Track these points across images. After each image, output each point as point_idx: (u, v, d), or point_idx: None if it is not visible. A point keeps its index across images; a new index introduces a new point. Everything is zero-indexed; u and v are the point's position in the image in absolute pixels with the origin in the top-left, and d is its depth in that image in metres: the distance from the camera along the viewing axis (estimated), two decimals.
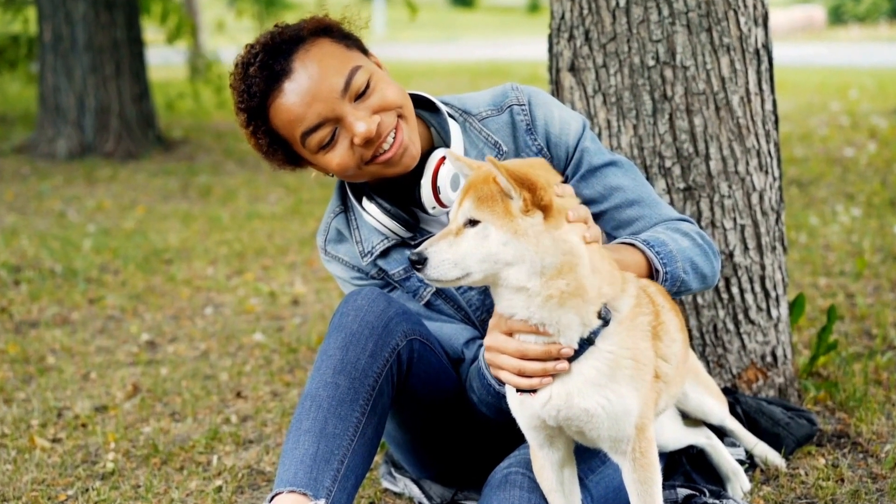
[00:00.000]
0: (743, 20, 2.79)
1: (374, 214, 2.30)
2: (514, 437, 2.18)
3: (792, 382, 3.04)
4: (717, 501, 2.41)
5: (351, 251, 2.40)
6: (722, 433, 2.61)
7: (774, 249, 2.93)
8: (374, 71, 2.21)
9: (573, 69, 2.84)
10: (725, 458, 2.54)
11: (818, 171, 7.01)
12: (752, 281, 2.89)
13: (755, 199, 2.86)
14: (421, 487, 2.59)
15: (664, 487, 2.29)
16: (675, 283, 2.19)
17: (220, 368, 3.75)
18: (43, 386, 3.58)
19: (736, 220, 2.84)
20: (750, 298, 2.89)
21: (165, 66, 15.44)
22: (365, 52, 2.27)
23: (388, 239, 2.33)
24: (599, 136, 2.82)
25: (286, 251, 5.61)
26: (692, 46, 2.75)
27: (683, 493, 2.45)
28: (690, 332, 2.87)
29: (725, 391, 2.78)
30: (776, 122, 2.93)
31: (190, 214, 6.66)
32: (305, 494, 1.98)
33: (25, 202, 7.16)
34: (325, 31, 2.22)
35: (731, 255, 2.85)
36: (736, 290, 2.87)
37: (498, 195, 1.84)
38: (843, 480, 2.58)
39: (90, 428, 3.19)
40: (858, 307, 4.02)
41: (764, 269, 2.90)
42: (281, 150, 2.25)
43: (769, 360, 2.96)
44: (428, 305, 2.38)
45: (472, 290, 2.34)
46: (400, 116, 2.20)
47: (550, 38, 2.92)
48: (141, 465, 2.91)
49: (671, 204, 2.79)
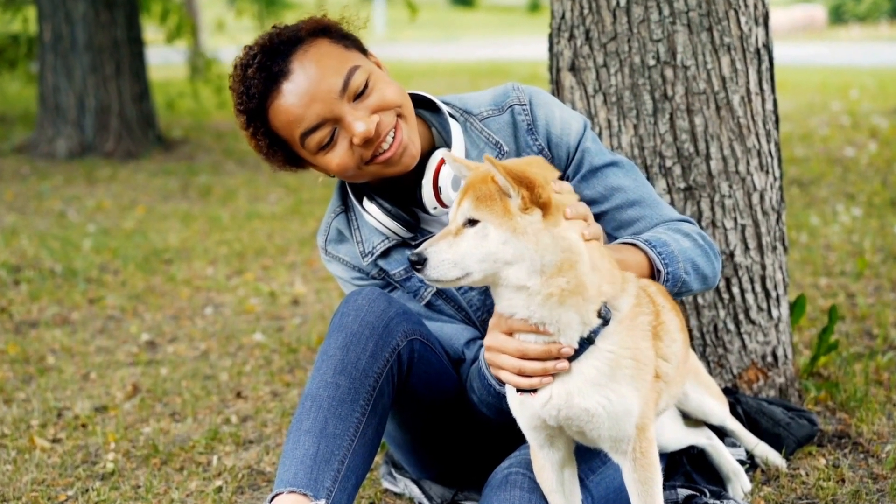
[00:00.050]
0: (743, 20, 2.78)
1: (374, 215, 2.29)
2: (514, 437, 2.18)
3: (792, 383, 3.04)
4: (717, 502, 2.40)
5: (351, 251, 2.39)
6: (722, 433, 2.61)
7: (775, 249, 2.93)
8: (372, 71, 2.20)
9: (573, 69, 2.83)
10: (726, 458, 2.54)
11: (819, 170, 7.01)
12: (752, 281, 2.88)
13: (756, 198, 2.86)
14: (421, 488, 2.59)
15: (665, 488, 2.29)
16: (676, 283, 2.18)
17: (220, 368, 3.75)
18: (43, 386, 3.58)
19: (736, 219, 2.83)
20: (750, 298, 2.89)
21: (165, 65, 15.44)
22: (364, 51, 2.26)
23: (388, 239, 2.33)
24: (600, 135, 2.81)
25: (286, 251, 5.60)
26: (693, 46, 2.74)
27: (684, 493, 2.44)
28: (691, 332, 2.87)
29: (726, 391, 2.78)
30: (777, 121, 2.93)
31: (190, 214, 6.66)
32: (306, 495, 1.98)
33: (25, 202, 7.16)
34: (323, 31, 2.21)
35: (731, 255, 2.84)
36: (737, 290, 2.87)
37: (496, 194, 1.84)
38: (843, 481, 2.58)
39: (90, 428, 3.18)
40: (859, 307, 4.02)
41: (764, 269, 2.90)
42: (281, 151, 2.25)
43: (770, 360, 2.95)
44: (428, 306, 2.38)
45: (472, 290, 2.34)
46: (399, 116, 2.20)
47: (551, 37, 2.92)
48: (141, 465, 2.91)
49: (672, 204, 2.79)
